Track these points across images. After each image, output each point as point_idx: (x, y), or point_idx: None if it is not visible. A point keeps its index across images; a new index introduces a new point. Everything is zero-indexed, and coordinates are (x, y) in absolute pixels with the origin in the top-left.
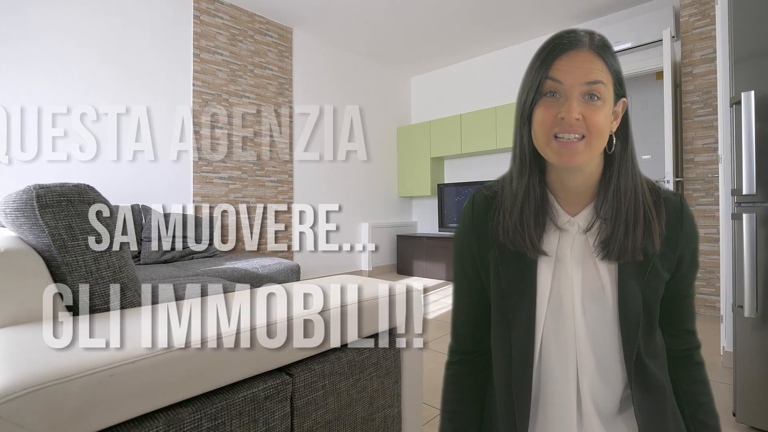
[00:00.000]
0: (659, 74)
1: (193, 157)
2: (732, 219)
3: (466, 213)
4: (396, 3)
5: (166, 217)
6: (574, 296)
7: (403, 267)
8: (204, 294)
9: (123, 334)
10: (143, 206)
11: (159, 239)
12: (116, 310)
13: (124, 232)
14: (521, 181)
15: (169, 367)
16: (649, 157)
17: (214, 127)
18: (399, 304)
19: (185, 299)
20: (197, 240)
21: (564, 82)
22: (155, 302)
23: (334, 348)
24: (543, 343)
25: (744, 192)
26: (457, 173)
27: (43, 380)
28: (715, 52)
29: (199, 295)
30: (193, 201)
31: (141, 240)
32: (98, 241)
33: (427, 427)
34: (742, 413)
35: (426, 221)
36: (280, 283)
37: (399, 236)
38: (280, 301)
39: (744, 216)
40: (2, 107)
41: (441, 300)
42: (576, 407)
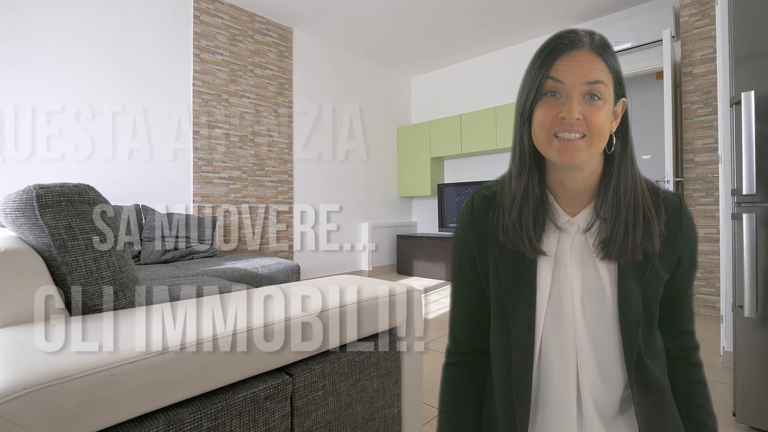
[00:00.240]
0: (659, 74)
1: (193, 157)
2: (732, 219)
3: (465, 213)
4: (396, 3)
5: (166, 217)
6: (574, 296)
7: (403, 267)
8: (203, 294)
9: (122, 334)
10: (143, 206)
11: (159, 239)
12: (115, 310)
13: (125, 233)
14: (520, 180)
15: (169, 367)
16: (649, 157)
17: (214, 127)
18: (399, 305)
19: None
20: (197, 240)
21: (565, 82)
22: (155, 302)
23: (334, 348)
24: (543, 343)
25: (744, 192)
26: (457, 173)
27: (43, 380)
28: (715, 52)
29: (199, 296)
30: (193, 201)
31: (141, 240)
32: (98, 241)
33: (427, 427)
34: (742, 413)
35: (426, 221)
36: (280, 283)
37: (399, 236)
38: (279, 302)
39: (744, 216)
40: (2, 107)
41: (441, 300)
42: (576, 407)
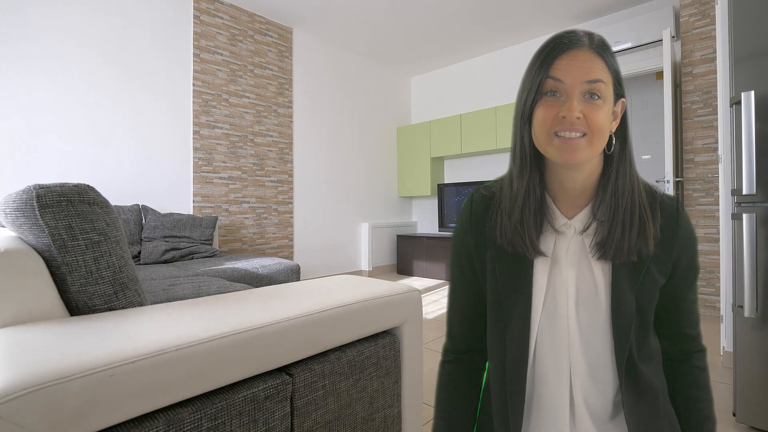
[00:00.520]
0: (659, 74)
1: (193, 157)
2: (732, 219)
3: (464, 213)
4: (396, 3)
5: (166, 217)
6: (569, 298)
7: (403, 267)
8: (203, 294)
9: (122, 334)
10: (143, 206)
11: (159, 239)
12: (116, 310)
13: (124, 233)
14: (522, 181)
15: (169, 367)
16: (649, 157)
17: (214, 127)
18: (399, 305)
19: (185, 299)
20: (197, 240)
21: (565, 81)
22: (155, 302)
23: (334, 348)
24: (537, 344)
25: (744, 192)
26: (458, 173)
27: (43, 380)
28: (715, 52)
29: (198, 296)
30: (194, 201)
31: (141, 240)
32: (98, 242)
33: (427, 427)
34: (742, 413)
35: (426, 221)
36: (280, 283)
37: (399, 236)
38: (279, 302)
39: (744, 216)
40: (2, 107)
41: (441, 300)
42: (569, 410)
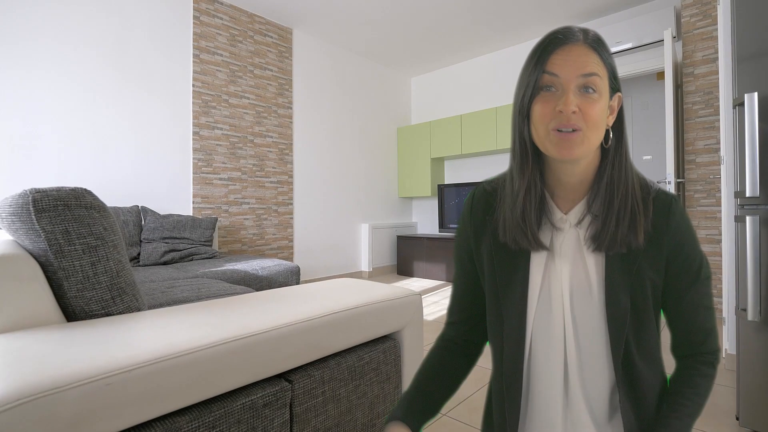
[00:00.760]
0: (660, 74)
1: (193, 158)
2: (735, 221)
3: (465, 206)
4: (396, 3)
5: (165, 218)
6: (563, 292)
7: (403, 268)
8: (202, 297)
9: (119, 341)
10: (143, 207)
11: (159, 241)
12: (114, 315)
13: (122, 236)
14: (523, 177)
15: (166, 375)
16: (650, 157)
17: (213, 128)
18: (399, 309)
19: (183, 303)
20: (197, 242)
21: (560, 75)
22: (152, 307)
23: (333, 353)
24: (533, 338)
25: (747, 194)
26: (458, 174)
27: (37, 390)
28: (716, 52)
29: (197, 299)
30: (193, 202)
31: (141, 241)
32: (96, 246)
33: (428, 431)
34: (745, 417)
35: (426, 222)
36: (280, 285)
37: (399, 237)
38: (278, 307)
39: (747, 218)
40: (1, 107)
41: (441, 301)
42: (562, 406)
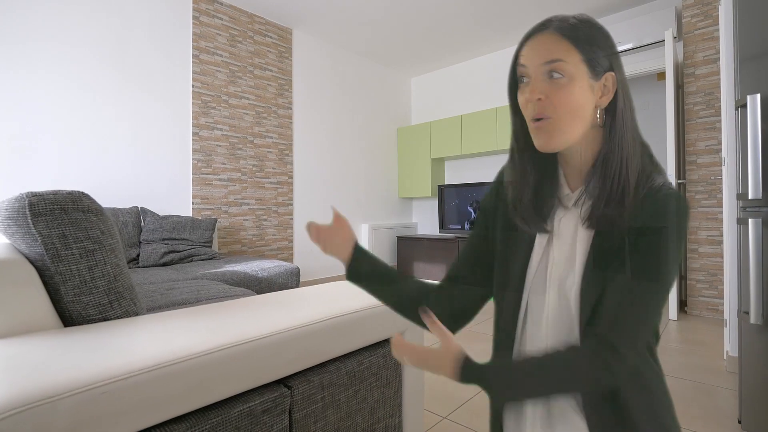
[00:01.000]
0: (660, 75)
1: (193, 158)
2: (737, 224)
3: (497, 178)
4: (396, 3)
5: (165, 219)
6: (554, 270)
7: (403, 269)
8: (202, 299)
9: (116, 347)
10: (142, 208)
11: (158, 242)
12: (111, 320)
13: (120, 239)
14: (520, 167)
15: (163, 382)
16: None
17: (213, 129)
18: None
19: (182, 305)
20: (197, 243)
21: (527, 65)
22: (151, 310)
23: (333, 358)
24: (526, 320)
25: (750, 196)
26: (458, 174)
27: (32, 399)
28: (717, 53)
29: (197, 301)
30: (193, 203)
31: (140, 243)
32: (93, 250)
33: None
34: (747, 420)
35: (426, 222)
36: (280, 286)
37: (399, 237)
38: (278, 311)
39: (750, 221)
40: (1, 108)
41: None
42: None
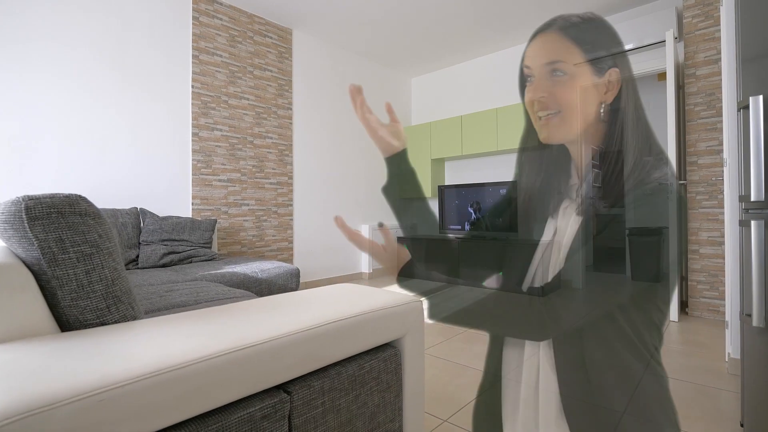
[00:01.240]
0: (661, 75)
1: (192, 159)
2: (739, 225)
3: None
4: (396, 3)
5: (164, 220)
6: (560, 251)
7: (403, 270)
8: (202, 301)
9: (113, 353)
10: (142, 209)
11: (158, 243)
12: (108, 325)
13: (118, 242)
14: (540, 153)
15: (161, 389)
16: (651, 158)
17: (213, 129)
18: (400, 316)
19: (181, 308)
20: (196, 243)
21: (531, 66)
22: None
23: (333, 363)
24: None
25: (752, 198)
26: (458, 175)
27: (27, 408)
28: (718, 53)
29: (196, 303)
30: (192, 204)
31: (140, 244)
32: (90, 254)
33: None
34: (750, 423)
35: (426, 222)
36: (280, 287)
37: (399, 238)
38: (278, 315)
39: (752, 223)
40: (0, 109)
41: (441, 304)
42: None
